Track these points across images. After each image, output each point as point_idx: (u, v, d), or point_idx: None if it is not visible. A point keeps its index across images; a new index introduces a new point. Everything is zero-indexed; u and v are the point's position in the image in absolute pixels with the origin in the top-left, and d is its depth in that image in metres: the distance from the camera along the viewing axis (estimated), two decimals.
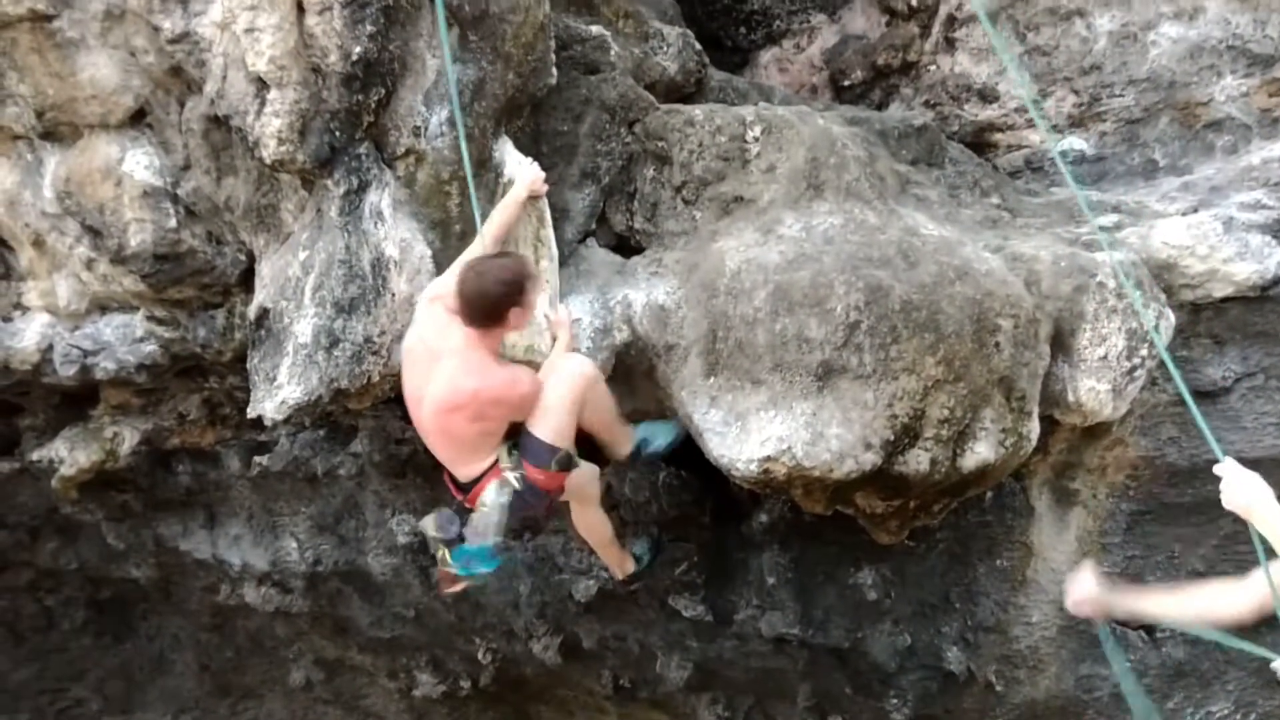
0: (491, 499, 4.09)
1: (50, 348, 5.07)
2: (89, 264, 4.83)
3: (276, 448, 5.61)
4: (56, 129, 4.68)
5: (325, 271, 4.21)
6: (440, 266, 4.32)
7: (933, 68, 6.03)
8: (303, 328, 4.18)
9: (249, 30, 4.11)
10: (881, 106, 6.14)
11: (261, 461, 5.64)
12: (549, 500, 4.26)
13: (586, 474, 4.47)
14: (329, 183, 4.26)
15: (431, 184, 4.37)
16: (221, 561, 6.14)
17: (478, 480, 4.15)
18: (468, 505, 4.22)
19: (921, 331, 4.19)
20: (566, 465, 4.18)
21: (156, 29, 4.40)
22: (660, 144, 4.85)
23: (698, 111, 4.90)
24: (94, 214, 4.68)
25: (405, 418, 5.29)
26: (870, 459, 4.15)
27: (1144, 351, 4.62)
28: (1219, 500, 3.31)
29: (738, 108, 4.98)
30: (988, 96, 5.94)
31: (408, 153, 4.34)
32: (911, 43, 6.00)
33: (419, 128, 4.32)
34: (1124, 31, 5.62)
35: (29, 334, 5.07)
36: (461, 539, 4.14)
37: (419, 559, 5.76)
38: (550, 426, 4.10)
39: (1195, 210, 5.08)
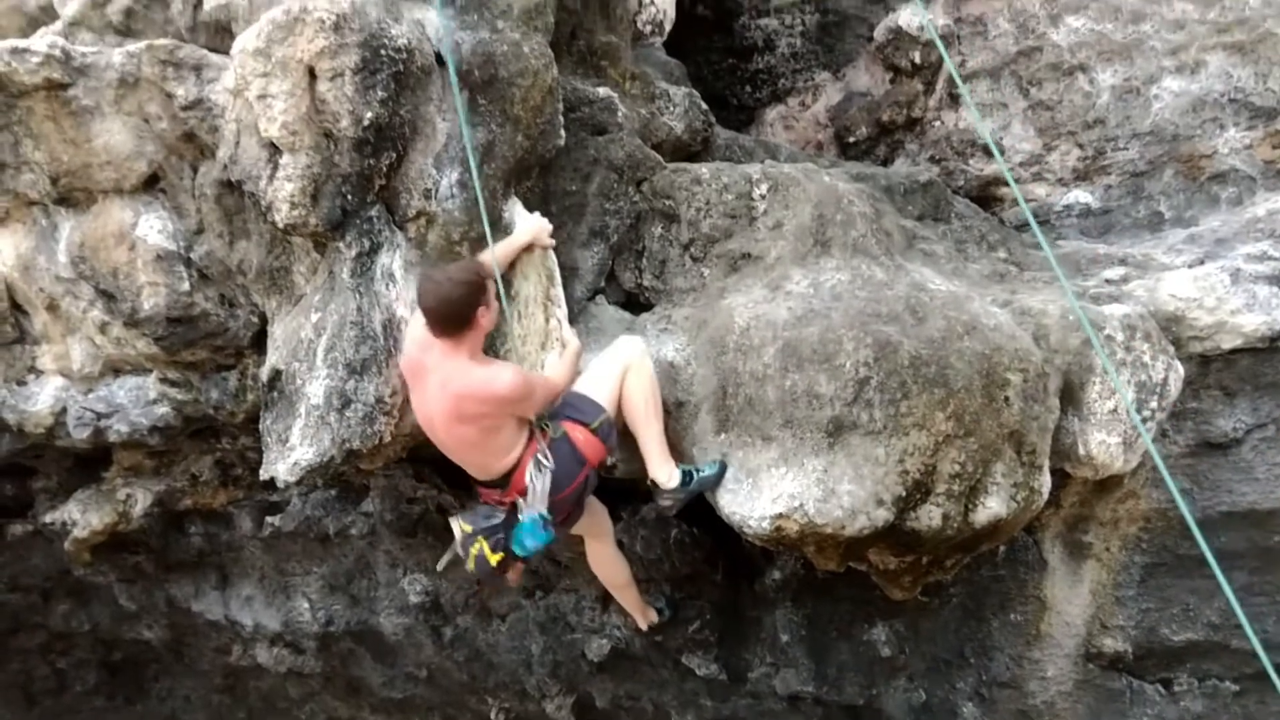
0: (534, 471, 4.13)
1: (64, 411, 5.09)
2: (102, 327, 4.86)
3: (288, 508, 5.62)
4: (71, 195, 4.73)
5: (337, 333, 4.23)
6: None
7: (937, 123, 6.10)
8: (315, 389, 4.20)
9: (261, 97, 4.17)
10: (887, 162, 6.20)
11: (273, 522, 5.65)
12: (585, 471, 4.24)
13: (598, 510, 4.58)
14: (341, 245, 4.30)
15: (442, 245, 4.41)
16: (234, 622, 6.13)
17: (514, 469, 4.17)
18: (506, 501, 4.21)
19: (931, 387, 4.19)
20: (607, 433, 4.24)
21: (170, 96, 4.48)
22: (668, 202, 4.90)
23: (704, 170, 4.95)
24: (108, 278, 4.73)
25: (417, 477, 5.35)
26: (883, 515, 4.14)
27: (1154, 404, 4.61)
28: (1232, 552, 3.31)
29: (744, 166, 5.03)
30: (992, 151, 5.99)
31: (419, 215, 4.38)
32: (915, 99, 6.07)
33: (429, 190, 4.37)
34: (1126, 86, 5.68)
35: (43, 397, 5.10)
36: (511, 522, 4.16)
37: (430, 618, 5.74)
38: (593, 387, 4.29)
39: (1202, 262, 5.10)
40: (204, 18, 4.54)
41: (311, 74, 4.16)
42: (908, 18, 5.96)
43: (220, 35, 4.51)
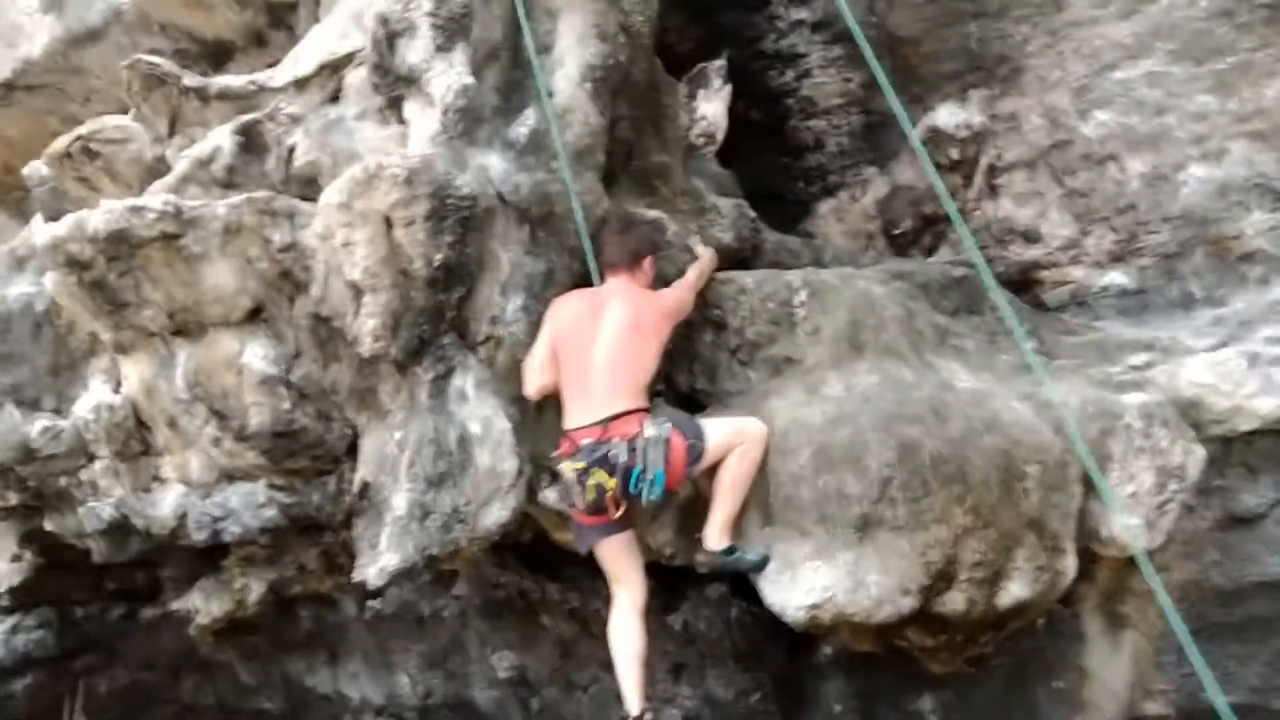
0: (652, 431, 4.57)
1: (185, 515, 5.70)
2: (216, 441, 5.46)
3: (388, 593, 6.17)
4: (186, 327, 5.34)
5: (417, 450, 4.77)
6: (520, 438, 4.87)
7: (978, 213, 6.44)
8: (399, 501, 4.74)
9: (345, 244, 4.75)
10: (931, 251, 6.56)
11: (375, 605, 6.21)
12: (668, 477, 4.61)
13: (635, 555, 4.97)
14: (419, 370, 4.85)
15: (510, 364, 4.94)
16: (343, 696, 6.71)
17: (620, 415, 4.62)
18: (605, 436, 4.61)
19: (950, 483, 4.57)
20: (694, 460, 4.65)
21: (268, 240, 5.06)
22: (716, 311, 5.34)
23: (749, 279, 5.39)
24: (219, 399, 5.32)
25: (500, 564, 5.86)
26: (908, 603, 4.52)
27: (1174, 486, 4.92)
28: (1264, 619, 3.63)
29: (786, 273, 5.44)
30: (1031, 238, 6.32)
31: (488, 338, 4.92)
32: (955, 192, 6.42)
33: (496, 316, 4.91)
34: (1155, 173, 5.96)
35: (166, 503, 5.72)
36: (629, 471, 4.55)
37: (519, 691, 6.23)
38: (709, 424, 4.74)
39: (1225, 344, 5.38)
40: (294, 172, 5.14)
41: (388, 222, 4.72)
42: (944, 117, 6.34)
43: (308, 186, 5.10)
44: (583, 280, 5.06)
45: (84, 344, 5.67)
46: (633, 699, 4.91)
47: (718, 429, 4.80)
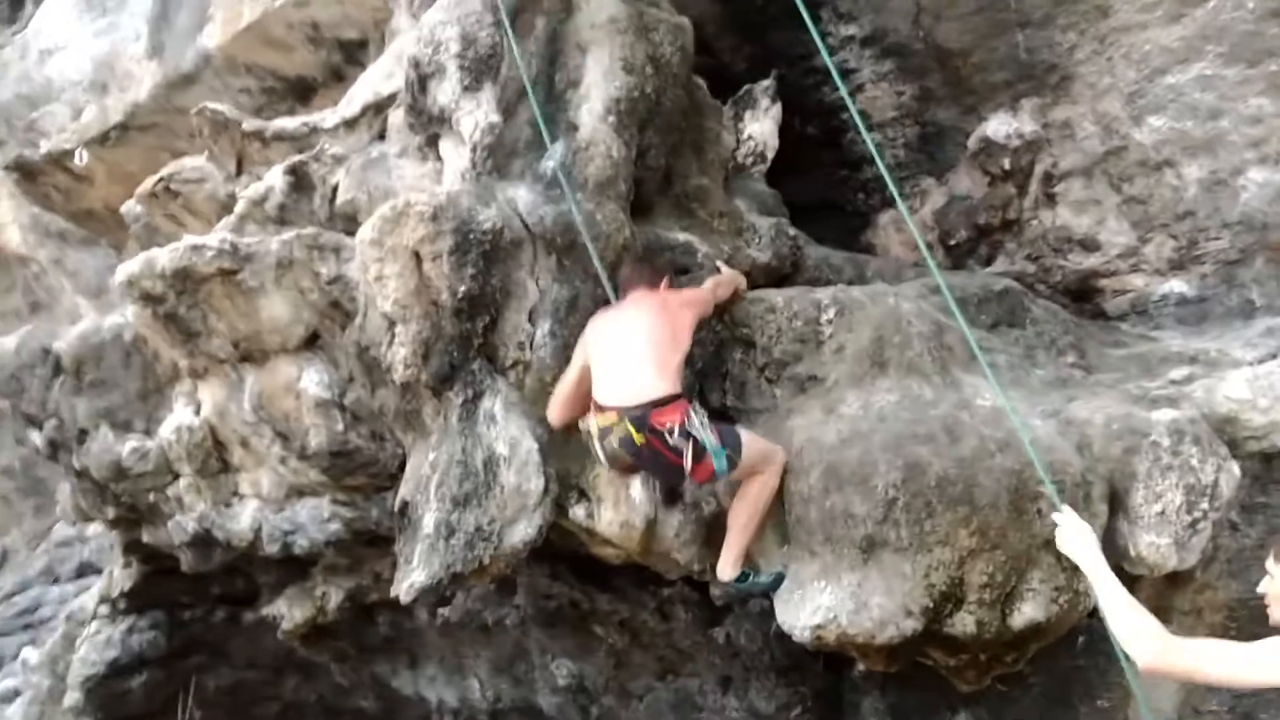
0: (697, 419, 4.67)
1: (260, 528, 6.13)
2: (282, 460, 5.85)
3: (455, 601, 6.48)
4: (250, 354, 5.74)
5: (445, 470, 5.03)
6: (547, 457, 5.09)
7: (1034, 222, 6.37)
8: (428, 520, 5.01)
9: (378, 278, 5.04)
10: (988, 262, 6.52)
11: (444, 613, 6.53)
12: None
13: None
14: (450, 394, 5.11)
15: (538, 387, 5.15)
16: (423, 698, 7.06)
17: (664, 403, 4.68)
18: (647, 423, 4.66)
19: (955, 505, 4.57)
20: (731, 464, 4.71)
21: (317, 274, 5.41)
22: (745, 330, 5.44)
23: (779, 298, 5.47)
24: (281, 421, 5.71)
25: (552, 575, 6.10)
26: (911, 625, 4.55)
27: (1204, 505, 4.82)
28: None
29: (815, 291, 5.50)
30: (1089, 246, 6.24)
31: (516, 363, 5.16)
32: (1010, 202, 6.37)
33: (523, 342, 5.14)
34: (1213, 178, 5.82)
35: (244, 517, 6.15)
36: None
37: (578, 698, 6.46)
38: (747, 438, 4.80)
39: (1274, 356, 5.23)
40: (337, 209, 5.48)
41: (417, 256, 5.00)
42: (994, 127, 6.28)
43: (350, 222, 5.43)
44: (608, 304, 5.23)
45: (167, 370, 6.13)
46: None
47: (753, 448, 4.85)
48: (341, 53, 6.69)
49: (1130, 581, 5.03)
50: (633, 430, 4.66)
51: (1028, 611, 4.67)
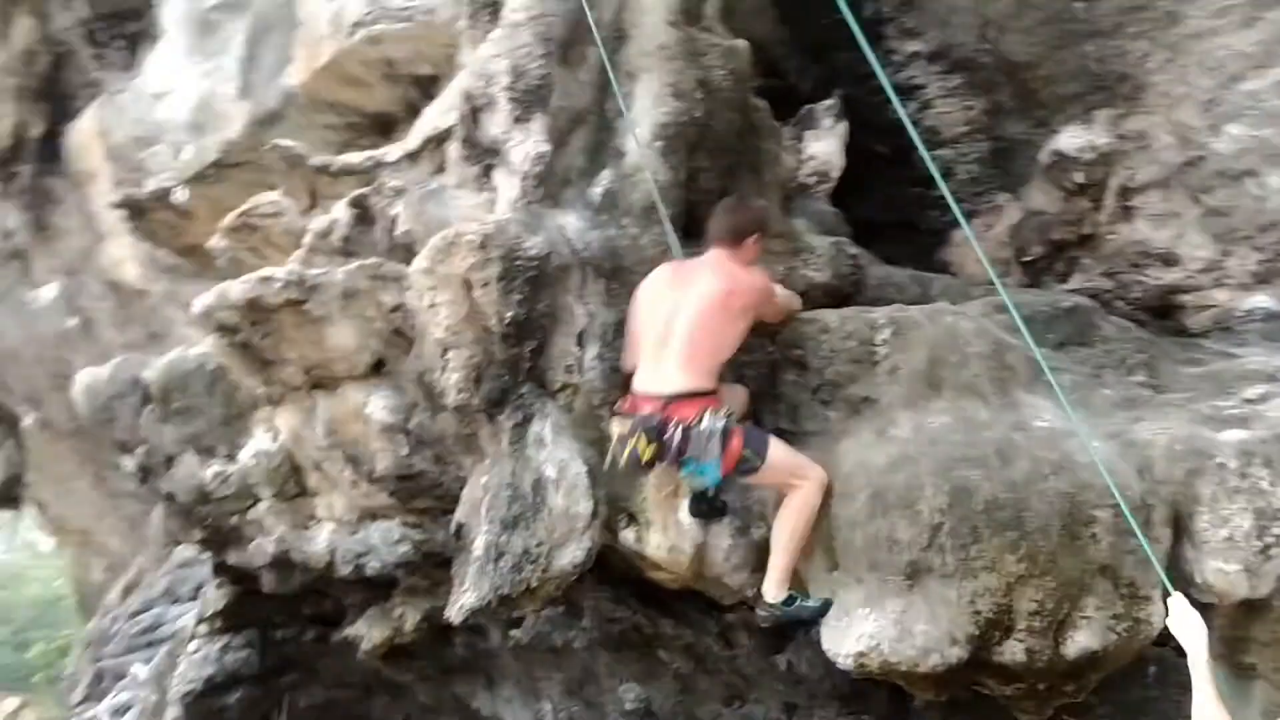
0: (708, 422, 4.65)
1: (335, 550, 6.29)
2: (353, 484, 6.01)
3: (525, 623, 6.55)
4: (321, 381, 5.90)
5: (495, 494, 5.11)
6: (596, 480, 5.13)
7: (1111, 237, 6.18)
8: (479, 542, 5.08)
9: (431, 305, 5.17)
10: (1065, 278, 6.34)
11: (515, 635, 6.60)
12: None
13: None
14: (501, 418, 5.20)
15: (587, 410, 5.21)
16: (500, 719, 7.14)
17: (689, 396, 4.72)
18: (665, 414, 4.70)
19: (1003, 530, 4.46)
20: (749, 470, 4.73)
21: (380, 302, 5.56)
22: (797, 351, 5.39)
23: (833, 318, 5.41)
24: (351, 446, 5.86)
25: (615, 599, 6.12)
26: (956, 653, 4.45)
27: (1277, 530, 4.60)
28: None
29: (871, 311, 5.42)
30: (1169, 260, 6.03)
31: (565, 386, 5.22)
32: (1084, 217, 6.19)
33: (572, 365, 5.20)
34: None
35: (320, 540, 6.32)
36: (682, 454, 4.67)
37: None
38: (778, 447, 4.80)
39: None
40: (396, 240, 5.62)
41: (467, 284, 5.10)
42: (1067, 140, 6.12)
43: (408, 252, 5.55)
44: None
45: (247, 397, 6.34)
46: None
47: (781, 456, 4.84)
48: (417, 88, 6.86)
49: (1201, 610, 4.87)
50: (643, 443, 4.69)
51: (1081, 640, 4.53)
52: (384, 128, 7.35)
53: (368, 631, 6.85)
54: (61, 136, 10.00)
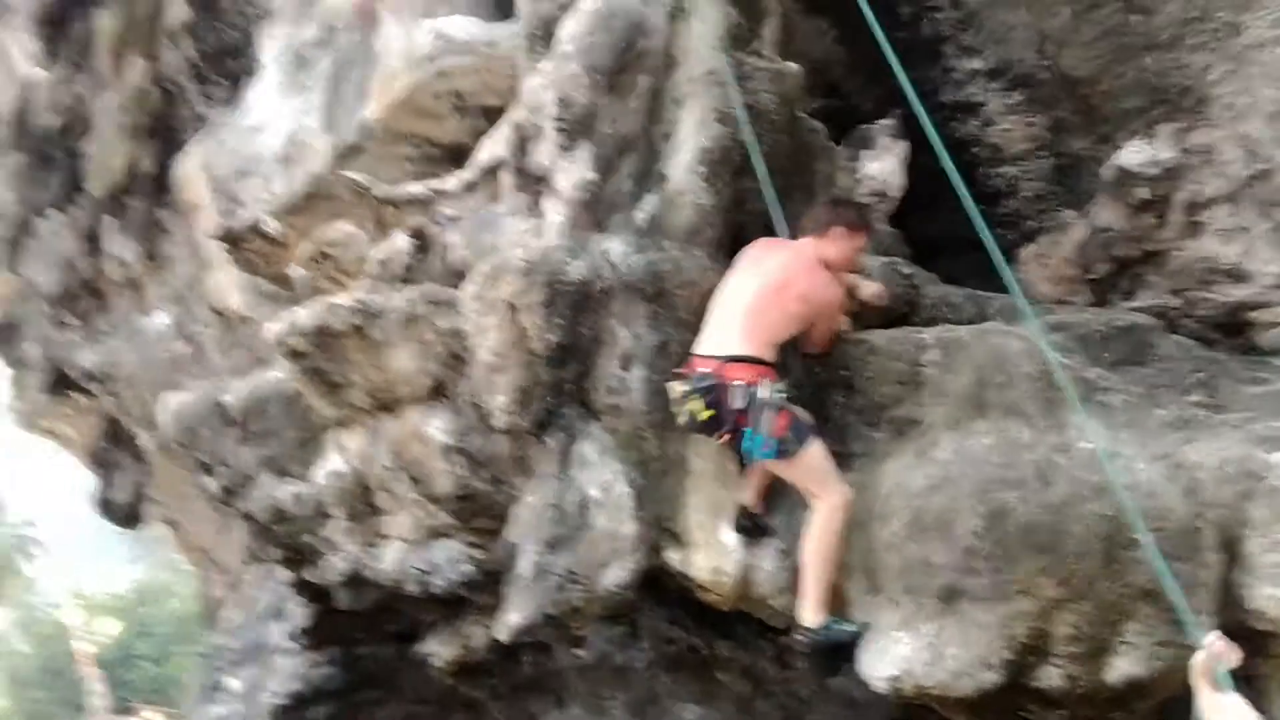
0: (766, 393, 4.74)
1: (402, 568, 6.47)
2: (417, 504, 6.18)
3: (587, 643, 6.64)
4: (386, 404, 6.10)
5: (540, 514, 5.23)
6: (641, 501, 5.20)
7: (1178, 253, 6.03)
8: (524, 563, 5.21)
9: (480, 330, 5.32)
10: (1130, 295, 6.20)
11: (578, 654, 6.70)
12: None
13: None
14: (547, 439, 5.32)
15: (630, 432, 5.29)
16: None
17: (745, 360, 4.80)
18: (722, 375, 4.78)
19: (1039, 553, 4.40)
20: (783, 453, 4.76)
21: (437, 327, 5.73)
22: (844, 373, 5.39)
23: (880, 339, 5.40)
24: (414, 467, 6.04)
25: (670, 620, 6.18)
26: (990, 677, 4.40)
27: None
28: None
29: (919, 331, 5.39)
30: (1239, 276, 5.86)
31: (609, 408, 5.30)
32: (1150, 233, 6.05)
33: (615, 388, 5.28)
34: None
35: (389, 558, 6.50)
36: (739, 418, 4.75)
37: None
38: (817, 451, 4.84)
39: None
40: (451, 267, 5.79)
41: (513, 309, 5.24)
42: (1129, 156, 6.00)
43: (462, 279, 5.72)
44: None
45: (321, 420, 6.57)
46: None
47: (818, 457, 4.87)
48: (486, 119, 7.01)
49: (1256, 639, 4.71)
50: (699, 406, 4.77)
51: (1123, 666, 4.43)
52: (458, 158, 7.52)
53: (438, 650, 7.02)
54: (170, 170, 10.49)
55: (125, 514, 13.92)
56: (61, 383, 12.81)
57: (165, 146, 10.58)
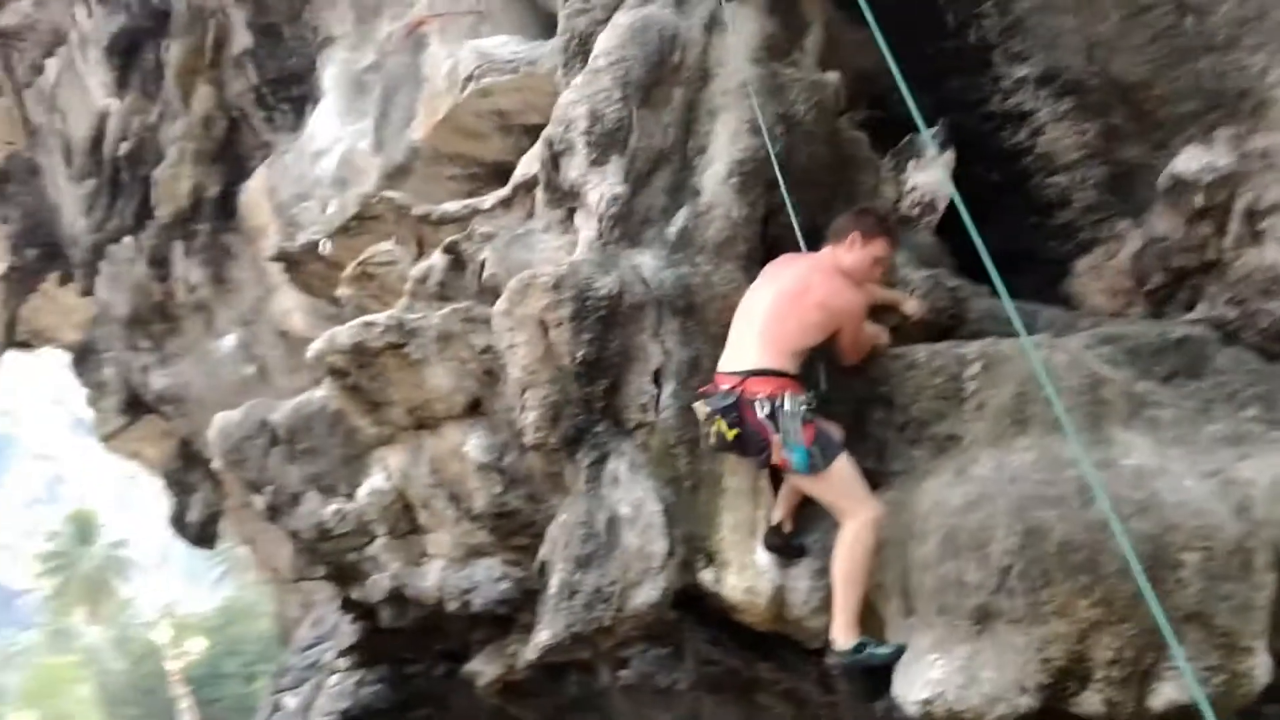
0: (790, 405, 4.65)
1: (443, 586, 6.44)
2: (456, 521, 6.16)
3: (631, 664, 6.54)
4: (425, 421, 6.10)
5: (570, 532, 5.15)
6: (673, 519, 5.11)
7: (1238, 263, 5.77)
8: (555, 581, 5.13)
9: (510, 346, 5.28)
10: (1189, 306, 5.94)
11: (621, 675, 6.60)
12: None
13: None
14: (578, 456, 5.25)
15: (662, 449, 5.20)
16: None
17: (765, 374, 4.72)
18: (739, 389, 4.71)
19: (1076, 574, 4.23)
20: (807, 469, 4.66)
21: (472, 345, 5.71)
22: (884, 389, 5.25)
23: (921, 353, 5.25)
24: (453, 484, 6.03)
25: (711, 641, 6.05)
26: (1026, 702, 4.22)
27: None
28: None
29: (961, 345, 5.23)
30: None
31: (640, 424, 5.22)
32: (1208, 242, 5.80)
33: (646, 404, 5.20)
34: None
35: (430, 576, 6.49)
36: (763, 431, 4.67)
37: None
38: (845, 466, 4.73)
39: None
40: (485, 284, 5.76)
41: (543, 325, 5.19)
42: (1184, 163, 5.76)
43: (495, 295, 5.68)
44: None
45: (364, 438, 6.59)
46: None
47: (846, 472, 4.75)
48: (528, 138, 7.02)
49: None
50: (724, 426, 4.68)
51: (1168, 692, 4.24)
52: (502, 177, 7.54)
53: (483, 668, 6.97)
54: (236, 195, 10.69)
55: (199, 533, 14.16)
56: (137, 404, 13.11)
57: (231, 171, 10.80)
